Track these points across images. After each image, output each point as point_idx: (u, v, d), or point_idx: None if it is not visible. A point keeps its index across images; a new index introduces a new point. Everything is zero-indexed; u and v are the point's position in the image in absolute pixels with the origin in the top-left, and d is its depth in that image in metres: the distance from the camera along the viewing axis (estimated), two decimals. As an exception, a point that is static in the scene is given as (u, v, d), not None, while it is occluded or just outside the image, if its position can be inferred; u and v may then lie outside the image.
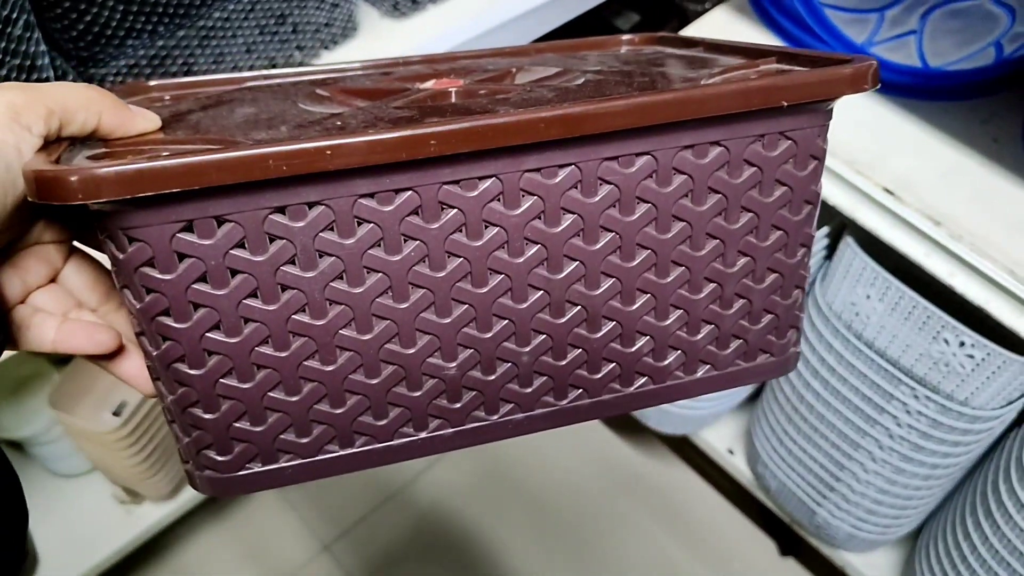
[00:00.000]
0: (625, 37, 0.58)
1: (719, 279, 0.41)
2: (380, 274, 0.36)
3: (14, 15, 0.64)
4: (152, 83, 0.52)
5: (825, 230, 0.87)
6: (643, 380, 0.43)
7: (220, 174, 0.31)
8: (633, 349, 0.41)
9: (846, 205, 0.77)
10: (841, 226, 0.87)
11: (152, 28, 0.75)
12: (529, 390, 0.41)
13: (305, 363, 0.36)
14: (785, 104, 0.37)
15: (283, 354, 0.36)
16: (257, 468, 0.38)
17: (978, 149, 0.79)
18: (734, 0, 0.92)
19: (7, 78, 0.64)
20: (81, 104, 0.34)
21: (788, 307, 0.44)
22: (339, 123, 0.38)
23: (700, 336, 0.42)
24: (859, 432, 0.90)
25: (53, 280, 0.38)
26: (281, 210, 0.33)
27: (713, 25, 0.90)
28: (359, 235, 0.34)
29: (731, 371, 0.44)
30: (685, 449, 1.30)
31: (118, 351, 0.38)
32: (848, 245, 0.82)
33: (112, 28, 0.73)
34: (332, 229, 0.34)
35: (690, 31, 0.89)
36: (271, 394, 0.37)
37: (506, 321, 0.38)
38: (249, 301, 0.34)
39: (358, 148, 0.32)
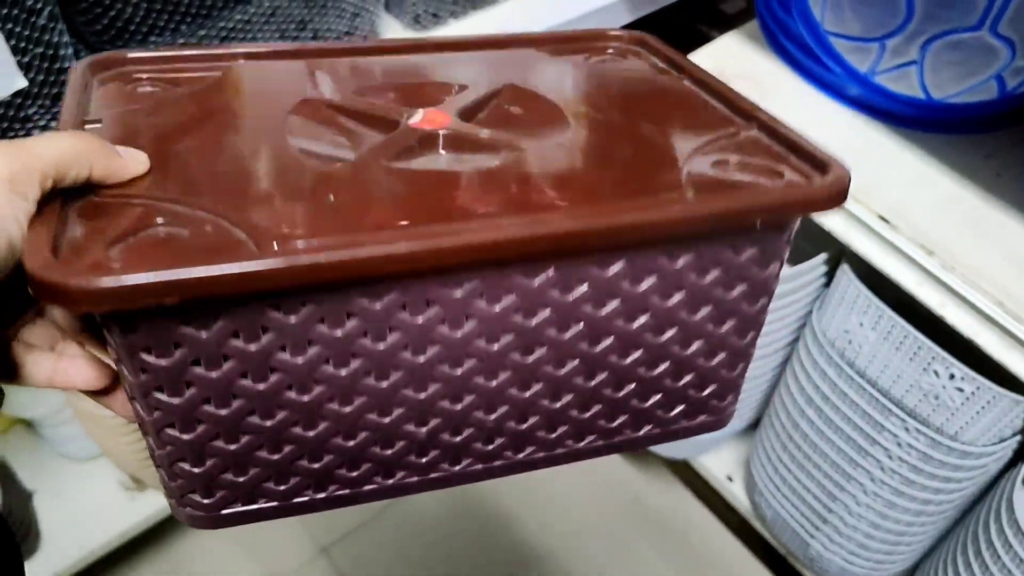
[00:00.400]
0: (613, 33, 0.58)
1: (673, 359, 0.44)
2: (362, 359, 0.37)
3: (39, 5, 0.67)
4: (130, 55, 0.49)
5: (823, 257, 0.87)
6: (593, 437, 0.46)
7: (220, 287, 0.31)
8: (587, 415, 0.44)
9: (840, 230, 0.78)
10: (840, 253, 0.87)
11: (175, 26, 0.79)
12: (490, 448, 0.43)
13: (289, 429, 0.38)
14: (758, 223, 0.40)
15: (268, 423, 0.37)
16: (238, 508, 0.40)
17: (979, 182, 0.78)
18: (746, 27, 0.93)
19: (30, 65, 0.68)
20: (72, 160, 0.34)
21: (732, 378, 0.47)
22: (331, 195, 0.37)
23: (649, 403, 0.45)
24: (851, 463, 0.89)
25: (39, 314, 0.39)
26: (276, 307, 0.34)
27: (725, 50, 0.91)
28: (348, 328, 0.36)
29: (673, 428, 0.47)
30: (686, 473, 1.29)
31: (110, 386, 0.39)
32: (844, 272, 0.82)
33: (136, 24, 0.76)
34: (323, 323, 0.35)
35: (702, 55, 0.91)
36: (255, 453, 0.38)
37: (474, 395, 0.40)
38: (241, 381, 0.35)
39: (351, 268, 0.33)
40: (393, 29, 1.01)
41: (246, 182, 0.38)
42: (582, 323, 0.40)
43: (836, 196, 0.40)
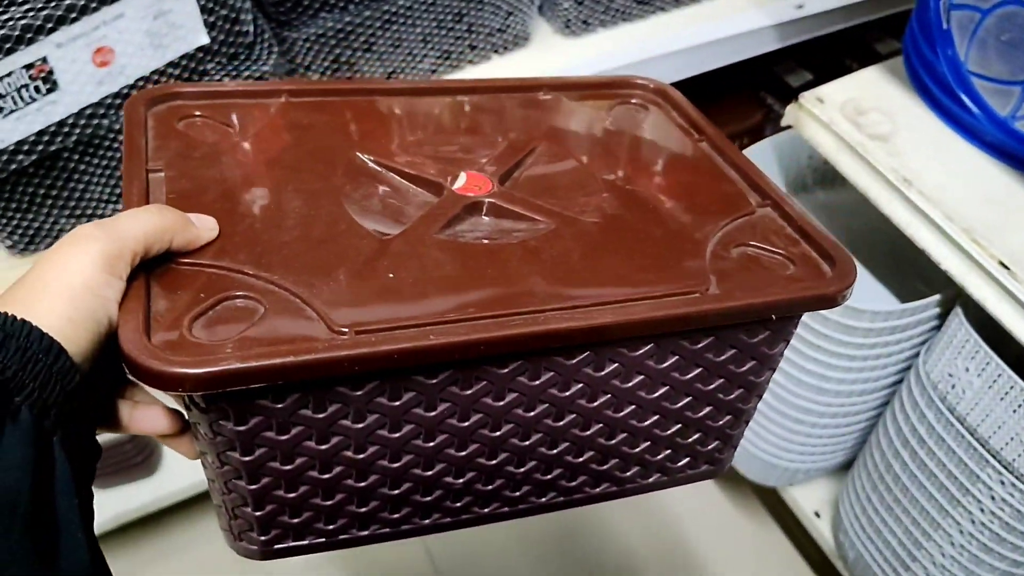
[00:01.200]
0: (638, 82, 0.62)
1: (685, 421, 0.48)
2: (413, 424, 0.41)
3: (229, -26, 0.75)
4: (180, 89, 0.52)
5: (937, 298, 0.86)
6: (607, 484, 0.50)
7: (301, 373, 0.35)
8: (605, 467, 0.49)
9: (957, 272, 0.77)
10: (955, 296, 0.85)
11: (344, 4, 0.86)
12: (517, 494, 0.48)
13: (343, 481, 0.42)
14: (774, 317, 0.44)
15: (324, 476, 0.41)
16: (288, 543, 0.44)
17: (1112, 241, 0.76)
18: (890, 62, 0.93)
19: (213, 25, 0.76)
20: (157, 237, 0.37)
21: (735, 435, 0.51)
22: (391, 273, 0.40)
23: (660, 456, 0.50)
24: (941, 511, 0.87)
25: None
26: (344, 383, 0.38)
27: (865, 83, 0.92)
28: (404, 399, 0.39)
29: (678, 476, 0.52)
30: (773, 502, 1.28)
31: (179, 431, 0.42)
32: (956, 314, 0.81)
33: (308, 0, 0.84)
34: (383, 395, 0.39)
35: (842, 85, 0.91)
36: (310, 500, 0.42)
37: (507, 453, 0.45)
38: (306, 443, 0.39)
39: (416, 356, 0.36)
40: (544, 32, 1.06)
41: (309, 252, 0.41)
42: (610, 394, 0.44)
43: (843, 295, 0.44)
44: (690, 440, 0.49)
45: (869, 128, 0.85)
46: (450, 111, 0.57)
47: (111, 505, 1.13)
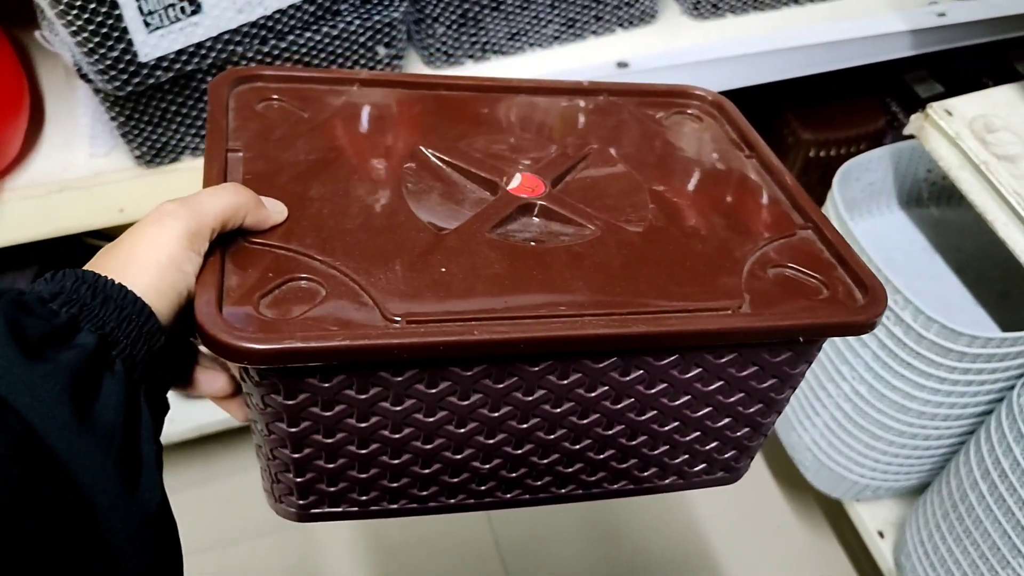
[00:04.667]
0: (697, 93, 0.63)
1: (704, 429, 0.49)
2: (447, 411, 0.43)
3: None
4: (262, 72, 0.55)
5: (1041, 331, 0.83)
6: (625, 482, 0.52)
7: (355, 355, 0.38)
8: (624, 466, 0.51)
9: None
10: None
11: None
12: (539, 483, 0.50)
13: (378, 457, 0.44)
14: (801, 340, 0.45)
15: (362, 451, 0.44)
16: (324, 509, 0.47)
17: None
18: (1028, 82, 0.89)
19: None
20: (232, 213, 0.41)
21: (752, 446, 0.52)
22: (443, 267, 0.43)
23: (678, 460, 0.52)
24: (1013, 549, 0.85)
25: None
26: (387, 368, 0.40)
27: (998, 100, 0.88)
28: (441, 388, 0.42)
29: (694, 481, 0.53)
30: (836, 514, 1.26)
31: (232, 394, 0.45)
32: (1060, 351, 0.78)
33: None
34: (421, 383, 0.41)
35: (972, 99, 0.88)
36: (347, 472, 0.45)
37: (533, 444, 0.47)
38: (347, 420, 0.42)
39: (457, 349, 0.39)
40: (672, 11, 1.05)
41: (369, 241, 0.44)
42: (633, 398, 0.46)
43: (872, 324, 0.45)
44: (708, 448, 0.51)
45: (997, 147, 0.82)
46: (512, 110, 0.59)
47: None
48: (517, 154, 0.53)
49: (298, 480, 0.45)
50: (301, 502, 0.46)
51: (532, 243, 0.46)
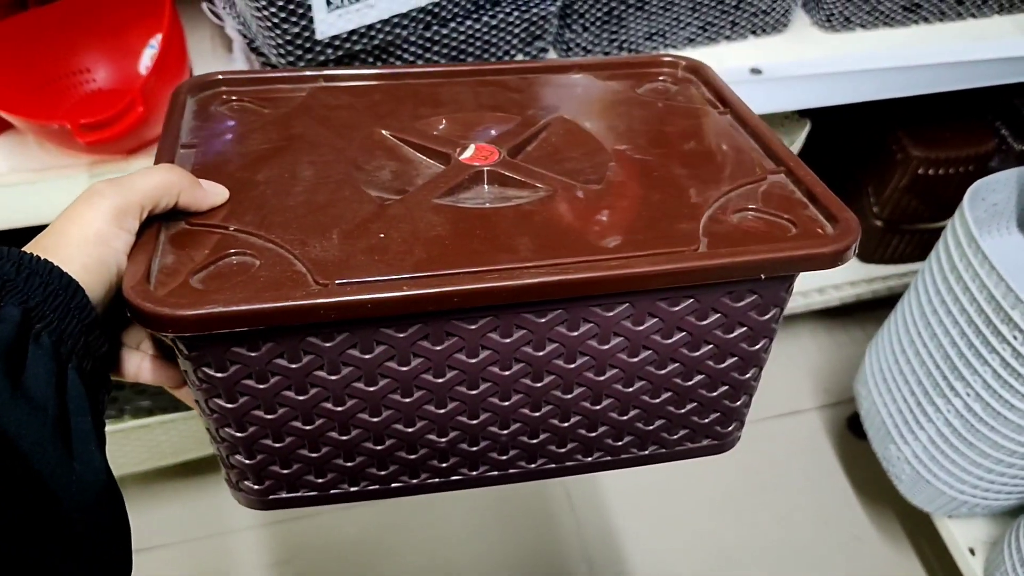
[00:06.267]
0: (667, 59, 0.62)
1: (676, 389, 0.47)
2: (388, 379, 0.42)
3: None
4: (222, 76, 0.55)
5: None
6: (600, 453, 0.50)
7: (281, 318, 0.37)
8: (594, 434, 0.48)
9: None
10: None
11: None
12: (505, 457, 0.48)
13: (326, 433, 0.44)
14: (763, 276, 0.42)
15: (307, 427, 0.43)
16: (282, 495, 0.46)
17: None
18: None
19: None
20: (163, 191, 0.41)
21: (735, 408, 0.50)
22: (382, 233, 0.42)
23: (654, 427, 0.49)
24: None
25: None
26: (315, 334, 0.39)
27: None
28: (376, 352, 0.41)
29: (677, 450, 0.51)
30: (919, 532, 1.27)
31: (181, 383, 0.45)
32: None
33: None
34: (355, 348, 0.41)
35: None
36: (297, 451, 0.44)
37: (489, 413, 0.45)
38: (285, 392, 0.41)
39: (379, 306, 0.37)
40: (802, 23, 1.06)
41: (309, 215, 0.43)
42: (588, 355, 0.44)
43: (838, 256, 0.42)
44: (684, 411, 0.49)
45: None
46: (475, 92, 0.58)
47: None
48: (478, 130, 0.52)
49: (248, 462, 0.44)
50: (257, 487, 0.46)
51: (484, 206, 0.45)
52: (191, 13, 0.92)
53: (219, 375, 0.40)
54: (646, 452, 0.51)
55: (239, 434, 0.43)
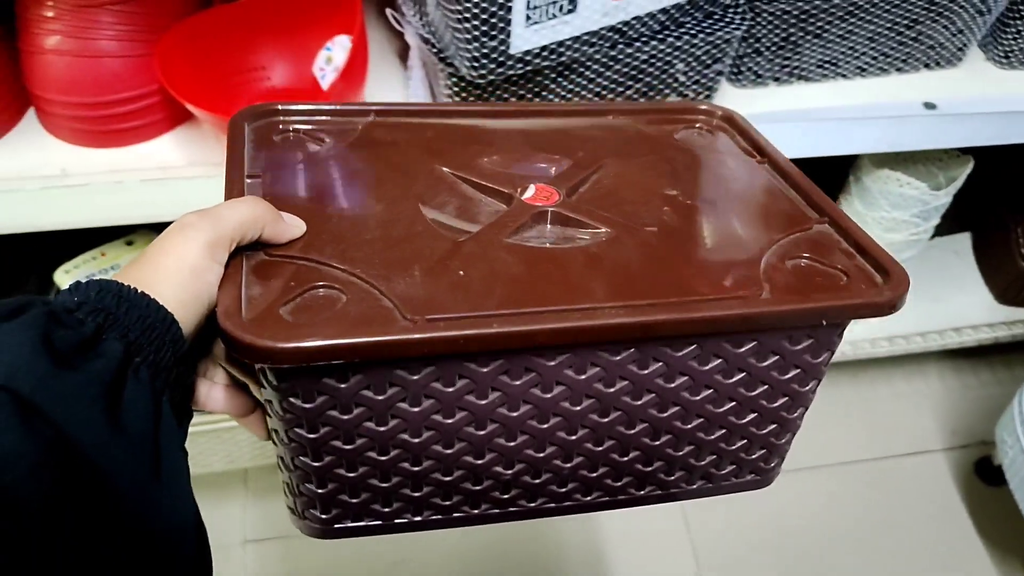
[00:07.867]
0: (703, 108, 0.63)
1: (729, 426, 0.49)
2: (466, 412, 0.43)
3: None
4: (280, 107, 0.56)
5: None
6: (652, 487, 0.51)
7: (376, 353, 0.38)
8: (650, 469, 0.50)
9: None
10: None
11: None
12: (563, 490, 0.49)
13: (399, 464, 0.44)
14: (824, 323, 0.44)
15: (383, 458, 0.44)
16: (347, 524, 0.46)
17: None
18: None
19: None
20: (250, 224, 0.41)
21: (780, 445, 0.52)
22: (461, 271, 0.43)
23: (704, 461, 0.51)
24: None
25: None
26: (403, 367, 0.40)
27: None
28: (458, 386, 0.42)
29: (723, 484, 0.53)
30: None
31: (249, 411, 0.45)
32: None
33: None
34: (438, 381, 0.41)
35: None
36: (368, 481, 0.45)
37: (555, 447, 0.46)
38: (366, 423, 0.42)
39: (476, 343, 0.39)
40: (975, 56, 1.03)
41: (388, 250, 0.44)
42: (654, 393, 0.45)
43: (894, 305, 0.44)
44: (735, 447, 0.50)
45: None
46: (524, 132, 0.59)
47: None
48: (531, 170, 0.54)
49: (320, 491, 0.45)
50: (324, 516, 0.46)
51: (548, 246, 0.46)
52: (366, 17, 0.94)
53: (306, 405, 0.40)
54: (694, 486, 0.52)
55: (315, 463, 0.43)
